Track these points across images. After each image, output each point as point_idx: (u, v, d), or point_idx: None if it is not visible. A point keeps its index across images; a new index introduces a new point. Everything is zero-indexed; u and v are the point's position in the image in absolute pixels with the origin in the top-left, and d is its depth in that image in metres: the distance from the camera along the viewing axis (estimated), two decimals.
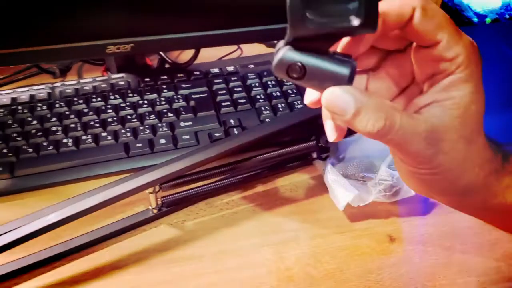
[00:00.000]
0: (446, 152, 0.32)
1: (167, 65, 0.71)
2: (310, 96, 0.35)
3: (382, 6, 0.30)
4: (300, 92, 0.64)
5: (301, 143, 0.56)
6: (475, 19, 0.84)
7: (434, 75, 0.33)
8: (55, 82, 0.67)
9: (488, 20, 0.84)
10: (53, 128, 0.58)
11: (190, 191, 0.52)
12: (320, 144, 0.56)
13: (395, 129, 0.30)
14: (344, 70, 0.30)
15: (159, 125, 0.59)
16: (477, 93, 0.34)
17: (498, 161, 0.36)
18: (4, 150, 0.56)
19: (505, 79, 0.69)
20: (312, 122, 0.56)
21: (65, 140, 0.57)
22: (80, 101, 0.61)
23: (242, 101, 0.63)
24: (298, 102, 0.63)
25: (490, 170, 0.35)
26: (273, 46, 0.76)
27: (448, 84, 0.32)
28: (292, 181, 0.57)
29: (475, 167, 0.34)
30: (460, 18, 0.86)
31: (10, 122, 0.59)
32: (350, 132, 0.59)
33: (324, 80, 0.30)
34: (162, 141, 0.58)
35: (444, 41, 0.31)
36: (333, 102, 0.30)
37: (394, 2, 0.31)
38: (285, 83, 0.65)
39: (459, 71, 0.32)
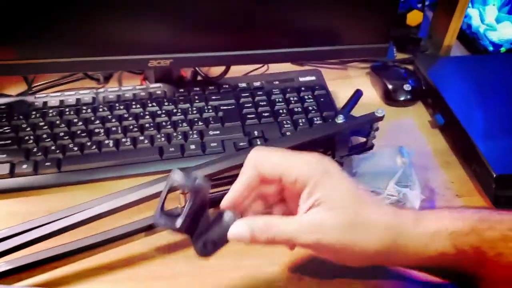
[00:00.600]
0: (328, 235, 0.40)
1: (199, 78, 0.77)
2: None
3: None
4: (320, 109, 0.70)
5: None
6: (491, 48, 0.87)
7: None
8: (99, 88, 0.73)
9: (503, 49, 0.87)
10: (96, 130, 0.64)
11: (216, 193, 0.58)
12: (335, 159, 0.61)
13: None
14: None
15: (190, 132, 0.65)
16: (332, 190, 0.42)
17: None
18: (53, 148, 0.62)
19: None
20: (328, 138, 0.61)
21: (106, 141, 0.63)
22: (121, 107, 0.67)
23: (266, 114, 0.69)
24: (317, 118, 0.68)
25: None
26: (299, 64, 0.82)
27: (305, 197, 0.42)
28: None
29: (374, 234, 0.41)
30: (476, 46, 0.89)
31: (58, 122, 0.65)
32: (363, 149, 0.64)
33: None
34: (192, 147, 0.63)
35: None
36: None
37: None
38: (307, 100, 0.71)
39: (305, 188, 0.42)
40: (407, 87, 0.76)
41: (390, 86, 0.77)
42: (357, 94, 0.67)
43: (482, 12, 0.91)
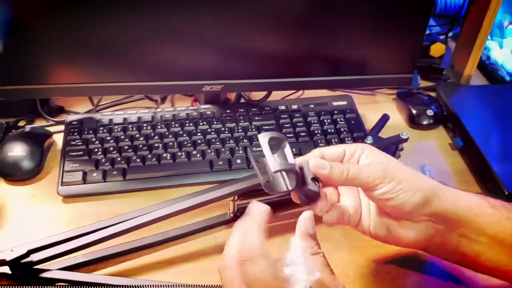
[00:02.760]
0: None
1: (242, 100, 0.84)
2: None
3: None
4: (351, 131, 0.75)
5: None
6: (508, 78, 0.90)
7: None
8: (156, 108, 0.81)
9: None
10: (156, 145, 0.71)
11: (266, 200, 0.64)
12: None
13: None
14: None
15: (236, 148, 0.71)
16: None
17: None
18: (118, 159, 0.69)
19: None
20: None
21: (164, 155, 0.70)
22: (176, 125, 0.74)
23: (303, 134, 0.75)
24: (348, 138, 0.74)
25: None
26: (331, 90, 0.88)
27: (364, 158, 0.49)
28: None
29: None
30: (495, 76, 0.93)
31: (122, 137, 0.72)
32: None
33: None
34: (238, 161, 0.70)
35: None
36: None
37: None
38: (339, 122, 0.77)
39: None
40: (429, 112, 0.81)
41: (414, 111, 0.81)
42: (384, 118, 0.72)
43: (500, 44, 0.95)
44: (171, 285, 0.52)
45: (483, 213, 0.46)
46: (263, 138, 0.47)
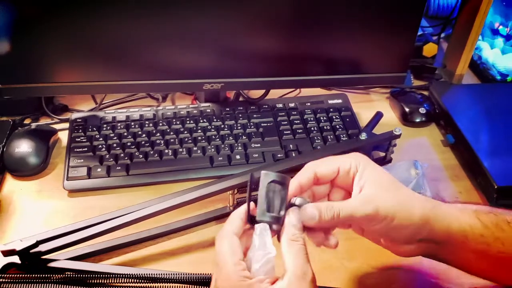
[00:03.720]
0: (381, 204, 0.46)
1: (241, 99, 0.86)
2: None
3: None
4: (346, 128, 0.77)
5: None
6: (498, 77, 0.93)
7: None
8: (158, 106, 0.83)
9: (509, 78, 0.93)
10: (157, 141, 0.73)
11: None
12: None
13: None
14: None
15: (236, 145, 0.74)
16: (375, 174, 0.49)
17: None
18: (122, 155, 0.71)
19: None
20: (353, 152, 0.68)
21: (166, 151, 0.72)
22: (177, 122, 0.76)
23: (300, 131, 0.77)
24: (344, 135, 0.76)
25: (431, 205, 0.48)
26: (327, 89, 0.90)
27: (357, 179, 0.48)
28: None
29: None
30: (486, 75, 0.95)
31: (125, 134, 0.74)
32: (383, 162, 0.71)
33: None
34: (238, 157, 0.72)
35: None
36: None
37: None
38: (334, 120, 0.79)
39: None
40: (422, 110, 0.83)
41: (407, 109, 0.84)
42: (378, 115, 0.75)
43: (491, 45, 0.97)
44: (173, 274, 0.54)
45: (474, 234, 0.47)
46: (265, 178, 0.45)
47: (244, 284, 0.41)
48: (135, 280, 0.54)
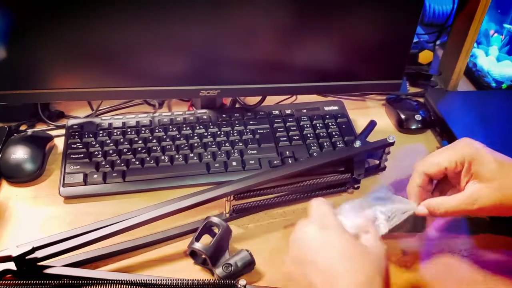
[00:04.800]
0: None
1: (237, 105, 0.86)
2: None
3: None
4: (342, 134, 0.78)
5: (339, 174, 0.70)
6: (493, 84, 0.94)
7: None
8: (154, 112, 0.83)
9: (504, 86, 0.94)
10: (154, 148, 0.74)
11: (254, 202, 0.66)
12: (353, 177, 0.70)
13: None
14: None
15: (232, 151, 0.74)
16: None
17: None
18: (118, 161, 0.72)
19: None
20: (348, 159, 0.69)
21: (162, 157, 0.72)
22: (174, 129, 0.77)
23: (296, 137, 0.77)
24: (340, 142, 0.77)
25: None
26: (323, 95, 0.91)
27: (464, 174, 0.55)
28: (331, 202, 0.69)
29: None
30: (481, 83, 0.96)
31: (121, 140, 0.75)
32: (377, 170, 0.71)
33: None
34: (234, 163, 0.72)
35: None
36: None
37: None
38: (330, 127, 0.79)
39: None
40: (418, 117, 0.84)
41: (403, 116, 0.84)
42: (372, 124, 0.75)
43: (486, 52, 0.98)
44: (169, 280, 0.54)
45: None
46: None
47: (340, 224, 0.50)
48: (131, 286, 0.55)
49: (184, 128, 0.77)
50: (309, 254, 0.47)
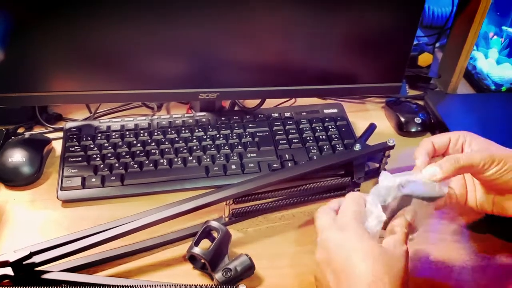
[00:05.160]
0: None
1: (236, 108, 0.86)
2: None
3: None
4: (341, 137, 0.78)
5: (339, 177, 0.70)
6: (493, 87, 0.94)
7: None
8: (153, 115, 0.83)
9: (503, 88, 0.94)
10: (153, 151, 0.73)
11: (253, 206, 0.66)
12: (353, 180, 0.70)
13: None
14: None
15: (231, 154, 0.74)
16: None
17: None
18: (116, 165, 0.71)
19: None
20: (348, 162, 0.69)
21: (161, 161, 0.72)
22: (173, 132, 0.76)
23: (295, 141, 0.77)
24: (339, 145, 0.76)
25: None
26: (322, 98, 0.90)
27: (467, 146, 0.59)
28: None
29: None
30: (480, 85, 0.96)
31: (120, 143, 0.74)
32: (377, 174, 0.71)
33: None
34: (233, 167, 0.72)
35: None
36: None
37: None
38: (330, 130, 0.79)
39: None
40: (417, 120, 0.84)
41: (402, 119, 0.84)
42: (372, 127, 0.75)
43: (486, 55, 0.98)
44: (168, 285, 0.54)
45: None
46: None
47: (359, 226, 0.50)
48: None
49: (183, 131, 0.77)
50: (327, 257, 0.49)
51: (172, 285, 0.54)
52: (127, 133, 0.76)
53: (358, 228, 0.49)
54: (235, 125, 0.79)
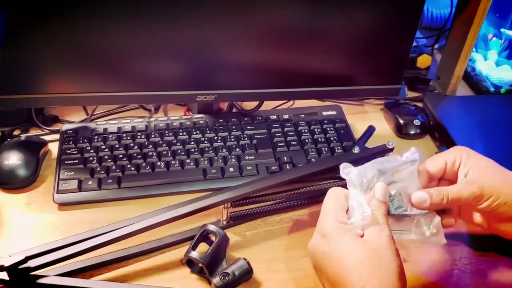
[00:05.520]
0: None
1: (234, 110, 0.85)
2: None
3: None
4: (340, 140, 0.77)
5: (338, 180, 0.69)
6: (492, 89, 0.93)
7: None
8: (150, 117, 0.82)
9: (502, 90, 0.93)
10: (150, 153, 0.73)
11: (251, 209, 0.65)
12: None
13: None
14: None
15: (229, 157, 0.73)
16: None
17: None
18: (113, 167, 0.71)
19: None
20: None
21: (158, 163, 0.72)
22: (170, 134, 0.76)
23: (294, 143, 0.77)
24: (338, 147, 0.76)
25: None
26: (321, 100, 0.90)
27: (462, 168, 0.56)
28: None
29: None
30: (479, 87, 0.95)
31: (117, 146, 0.74)
32: None
33: None
34: (231, 169, 0.72)
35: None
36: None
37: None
38: (329, 132, 0.79)
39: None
40: (416, 122, 0.83)
41: (401, 121, 0.84)
42: (370, 129, 0.75)
43: (485, 56, 0.98)
44: None
45: None
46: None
47: (340, 225, 0.49)
48: None
49: (181, 133, 0.76)
50: (318, 265, 0.50)
51: None
52: (124, 135, 0.76)
53: (339, 232, 0.49)
54: (233, 127, 0.78)
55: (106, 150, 0.73)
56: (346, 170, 0.55)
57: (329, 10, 0.68)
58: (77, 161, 0.71)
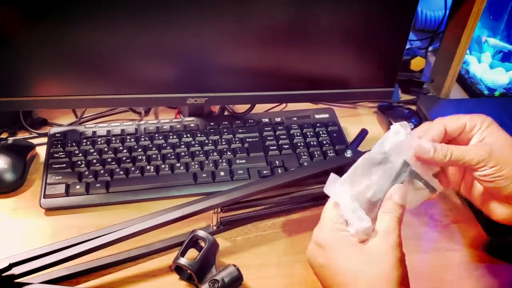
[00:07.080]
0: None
1: (226, 113, 0.85)
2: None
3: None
4: (333, 143, 0.77)
5: None
6: (486, 92, 0.93)
7: None
8: (140, 120, 0.81)
9: (496, 93, 0.93)
10: (139, 157, 0.72)
11: (242, 214, 0.65)
12: None
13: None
14: None
15: (220, 161, 0.72)
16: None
17: None
18: (102, 171, 0.70)
19: None
20: (340, 168, 0.68)
21: (148, 167, 0.70)
22: (160, 137, 0.75)
23: (286, 146, 0.76)
24: (331, 151, 0.75)
25: None
26: (314, 103, 0.89)
27: (478, 134, 0.52)
28: (320, 213, 0.67)
29: None
30: (473, 90, 0.95)
31: (106, 149, 0.73)
32: None
33: None
34: (222, 173, 0.71)
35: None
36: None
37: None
38: (321, 135, 0.78)
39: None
40: (410, 125, 0.83)
41: None
42: (363, 133, 0.74)
43: (479, 59, 0.98)
44: None
45: None
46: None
47: (337, 233, 0.47)
48: None
49: (171, 137, 0.75)
50: (317, 277, 0.49)
51: None
52: (113, 138, 0.75)
53: (334, 244, 0.47)
54: (224, 130, 0.77)
55: (95, 153, 0.72)
56: (337, 191, 0.51)
57: (322, 12, 0.68)
58: (65, 165, 0.70)
